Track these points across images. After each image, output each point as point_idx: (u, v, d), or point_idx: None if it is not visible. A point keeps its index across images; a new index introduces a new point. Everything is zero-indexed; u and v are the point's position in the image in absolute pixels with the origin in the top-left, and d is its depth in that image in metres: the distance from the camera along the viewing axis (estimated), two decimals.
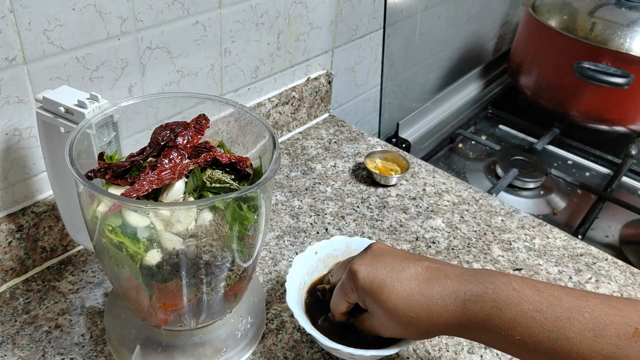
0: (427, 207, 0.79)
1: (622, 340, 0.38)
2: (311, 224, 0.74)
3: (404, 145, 1.12)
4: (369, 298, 0.48)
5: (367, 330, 0.52)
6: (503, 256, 0.71)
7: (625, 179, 1.15)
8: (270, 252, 0.69)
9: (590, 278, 0.69)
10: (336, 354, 0.53)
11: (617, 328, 0.39)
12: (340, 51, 0.97)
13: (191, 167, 0.45)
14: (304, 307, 0.56)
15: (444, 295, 0.45)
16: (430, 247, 0.71)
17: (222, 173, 0.47)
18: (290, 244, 0.70)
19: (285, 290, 0.56)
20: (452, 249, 0.71)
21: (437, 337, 0.59)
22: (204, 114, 0.50)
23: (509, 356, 0.58)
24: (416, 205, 0.79)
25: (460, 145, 1.22)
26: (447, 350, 0.58)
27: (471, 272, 0.46)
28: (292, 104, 0.90)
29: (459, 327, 0.44)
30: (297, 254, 0.65)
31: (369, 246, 0.52)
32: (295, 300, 0.55)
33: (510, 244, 0.73)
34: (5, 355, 0.53)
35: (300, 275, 0.58)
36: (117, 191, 0.44)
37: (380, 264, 0.48)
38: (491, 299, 0.43)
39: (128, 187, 0.44)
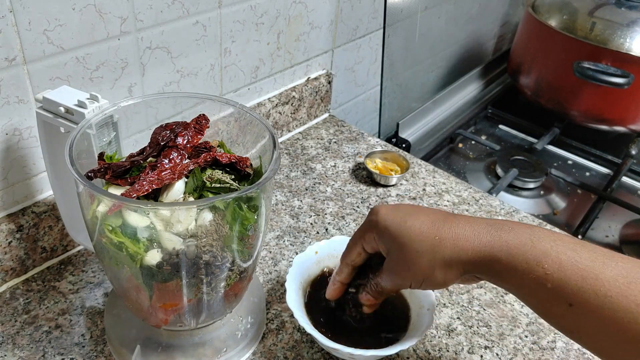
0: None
1: None
2: (311, 224, 0.74)
3: (404, 145, 1.12)
4: (390, 232, 0.46)
5: (382, 289, 0.49)
6: None
7: (625, 179, 1.15)
8: (270, 252, 0.69)
9: None
10: (336, 354, 0.53)
11: None
12: (340, 51, 0.97)
13: (191, 167, 0.45)
14: (304, 307, 0.56)
15: (474, 224, 0.43)
16: None
17: (222, 173, 0.47)
18: (290, 244, 0.70)
19: (285, 290, 0.56)
20: None
21: (437, 337, 0.59)
22: (204, 114, 0.50)
23: (510, 357, 0.58)
24: None
25: (460, 145, 1.22)
26: (447, 350, 0.58)
27: (501, 221, 0.44)
28: (292, 104, 0.90)
29: (486, 257, 0.41)
30: (297, 254, 0.65)
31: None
32: (295, 300, 0.55)
33: None
34: (5, 355, 0.53)
35: (300, 275, 0.58)
36: (117, 191, 0.44)
37: (402, 206, 0.48)
38: (527, 231, 0.41)
39: (128, 187, 0.44)
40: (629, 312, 0.37)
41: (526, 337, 0.60)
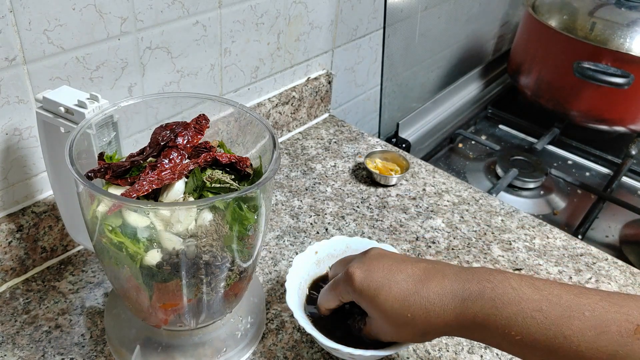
0: (427, 207, 0.79)
1: (625, 337, 0.38)
2: (311, 224, 0.74)
3: (404, 145, 1.12)
4: (366, 301, 0.48)
5: (368, 335, 0.52)
6: (503, 256, 0.71)
7: (625, 179, 1.15)
8: (270, 252, 0.69)
9: (590, 278, 0.69)
10: (336, 354, 0.53)
11: (619, 325, 0.38)
12: (340, 51, 0.97)
13: (191, 167, 0.45)
14: (304, 307, 0.56)
15: (442, 295, 0.44)
16: (430, 247, 0.71)
17: (222, 173, 0.47)
18: (290, 244, 0.70)
19: (285, 290, 0.56)
20: (452, 249, 0.71)
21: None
22: (204, 114, 0.50)
23: (509, 357, 0.58)
24: (416, 205, 0.79)
25: (460, 145, 1.22)
26: (447, 350, 0.58)
27: (469, 270, 0.45)
28: (292, 104, 0.90)
29: (457, 326, 0.44)
30: (297, 254, 0.65)
31: (367, 250, 0.52)
32: (295, 300, 0.55)
33: (510, 244, 0.73)
34: (5, 355, 0.53)
35: (300, 275, 0.58)
36: (117, 191, 0.44)
37: (377, 267, 0.48)
38: (490, 297, 0.42)
39: (128, 187, 0.44)
40: None
41: None
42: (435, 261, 0.49)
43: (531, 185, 1.07)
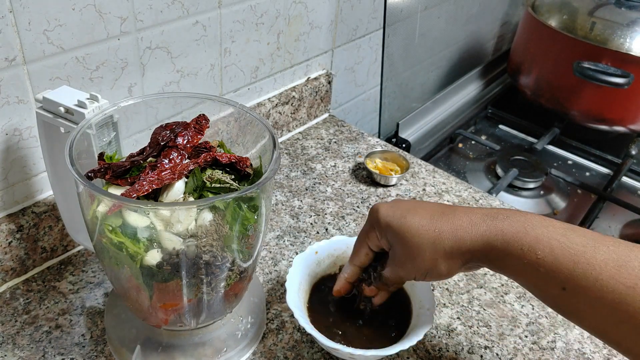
0: None
1: None
2: (311, 224, 0.74)
3: (404, 145, 1.12)
4: (392, 229, 0.48)
5: (387, 279, 0.51)
6: None
7: (625, 179, 1.15)
8: (270, 252, 0.69)
9: None
10: (336, 354, 0.53)
11: None
12: (340, 51, 0.97)
13: (191, 167, 0.45)
14: (305, 307, 0.56)
15: (470, 215, 0.45)
16: None
17: (222, 173, 0.47)
18: (290, 244, 0.70)
19: (285, 290, 0.56)
20: None
21: (437, 337, 0.59)
22: (204, 114, 0.50)
23: (509, 357, 0.58)
24: None
25: (460, 145, 1.22)
26: (447, 350, 0.58)
27: (493, 208, 0.46)
28: (292, 104, 0.90)
29: (483, 245, 0.43)
30: (297, 254, 0.65)
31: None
32: (295, 300, 0.55)
33: None
34: (5, 355, 0.53)
35: (301, 275, 0.58)
36: (117, 191, 0.44)
37: (401, 203, 0.49)
38: (519, 220, 0.43)
39: (128, 187, 0.44)
40: (619, 293, 0.38)
41: (526, 337, 0.60)
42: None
43: (531, 185, 1.07)
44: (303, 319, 0.53)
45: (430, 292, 0.56)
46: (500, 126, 1.31)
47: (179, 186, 0.44)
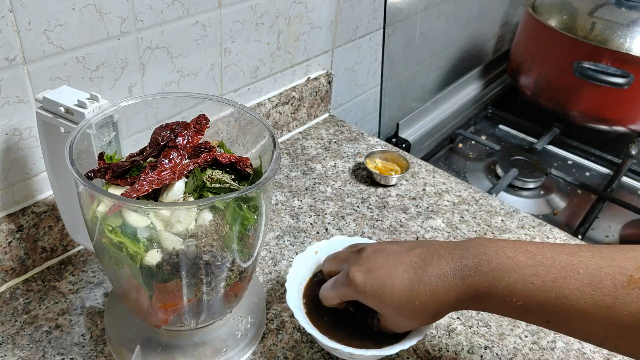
0: (427, 207, 0.79)
1: (619, 289, 0.39)
2: (311, 224, 0.74)
3: (404, 145, 1.12)
4: (373, 300, 0.49)
5: (385, 330, 0.52)
6: None
7: (625, 179, 1.15)
8: (270, 252, 0.69)
9: None
10: (336, 353, 0.53)
11: (613, 279, 0.40)
12: (340, 51, 0.97)
13: (191, 167, 0.45)
14: (304, 307, 0.56)
15: (442, 276, 0.46)
16: None
17: (222, 173, 0.47)
18: (290, 244, 0.70)
19: (285, 290, 0.56)
20: None
21: (437, 337, 0.59)
22: (204, 114, 0.50)
23: (509, 357, 0.58)
24: (416, 205, 0.79)
25: (460, 145, 1.22)
26: (447, 351, 0.58)
27: (463, 245, 0.47)
28: (292, 104, 0.90)
29: (464, 300, 0.45)
30: (297, 254, 0.65)
31: (360, 249, 0.53)
32: (295, 300, 0.55)
33: None
34: (5, 355, 0.53)
35: (300, 275, 0.58)
36: (117, 191, 0.44)
37: (375, 266, 0.49)
38: (487, 270, 0.44)
39: (128, 187, 0.44)
40: (600, 315, 0.40)
41: (526, 337, 0.60)
42: (426, 242, 0.50)
43: (531, 185, 1.07)
44: (303, 319, 0.53)
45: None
46: (500, 126, 1.31)
47: (179, 186, 0.44)
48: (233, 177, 0.47)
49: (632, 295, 0.39)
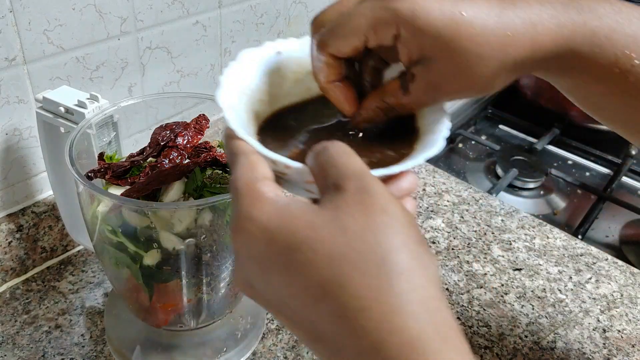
0: (427, 207, 0.79)
1: None
2: None
3: None
4: (434, 33, 0.30)
5: (404, 106, 0.34)
6: (503, 256, 0.71)
7: (625, 179, 1.15)
8: None
9: (590, 278, 0.69)
10: (274, 167, 0.29)
11: None
12: None
13: (191, 167, 0.45)
14: (256, 132, 0.34)
15: (551, 9, 0.32)
16: (430, 247, 0.71)
17: (222, 173, 0.47)
18: None
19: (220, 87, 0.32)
20: (452, 249, 0.71)
21: None
22: (204, 114, 0.50)
23: (509, 357, 0.58)
24: (416, 205, 0.79)
25: (460, 145, 1.22)
26: None
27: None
28: None
29: (566, 51, 0.32)
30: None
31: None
32: (237, 108, 0.33)
33: (510, 244, 0.73)
34: (5, 355, 0.53)
35: (248, 81, 0.35)
36: (117, 191, 0.44)
37: None
38: (613, 11, 0.32)
39: (128, 187, 0.44)
40: None
41: (526, 337, 0.60)
42: None
43: (531, 185, 1.07)
44: (241, 130, 0.30)
45: (443, 111, 0.34)
46: (500, 126, 1.31)
47: (179, 186, 0.44)
48: None
49: None
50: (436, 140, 0.32)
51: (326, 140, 0.28)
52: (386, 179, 0.30)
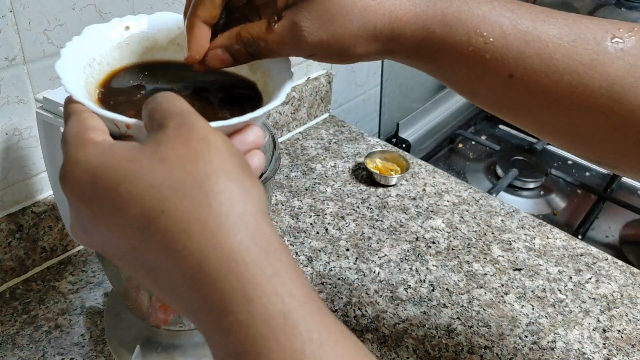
0: (427, 207, 0.79)
1: (600, 45, 0.34)
2: (311, 224, 0.74)
3: (404, 145, 1.12)
4: None
5: (263, 48, 0.36)
6: (503, 256, 0.71)
7: (625, 179, 1.15)
8: None
9: (590, 278, 0.69)
10: (109, 124, 0.30)
11: (594, 33, 0.34)
12: None
13: None
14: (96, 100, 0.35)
15: None
16: (430, 247, 0.71)
17: None
18: (290, 244, 0.70)
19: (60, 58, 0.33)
20: (452, 249, 0.71)
21: (437, 337, 0.59)
22: None
23: (509, 357, 0.58)
24: (416, 206, 0.79)
25: (460, 145, 1.22)
26: (447, 351, 0.58)
27: None
28: (292, 104, 0.90)
29: (420, 30, 0.35)
30: (297, 254, 0.65)
31: None
32: (76, 75, 0.34)
33: (510, 244, 0.73)
34: (5, 355, 0.53)
35: (91, 54, 0.36)
36: None
37: None
38: None
39: None
40: (575, 73, 0.34)
41: (526, 337, 0.60)
42: None
43: (531, 185, 1.07)
44: (80, 95, 0.31)
45: (289, 75, 0.37)
46: (500, 126, 1.31)
47: None
48: None
49: (611, 53, 0.34)
50: (277, 95, 0.34)
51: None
52: (232, 134, 0.32)
